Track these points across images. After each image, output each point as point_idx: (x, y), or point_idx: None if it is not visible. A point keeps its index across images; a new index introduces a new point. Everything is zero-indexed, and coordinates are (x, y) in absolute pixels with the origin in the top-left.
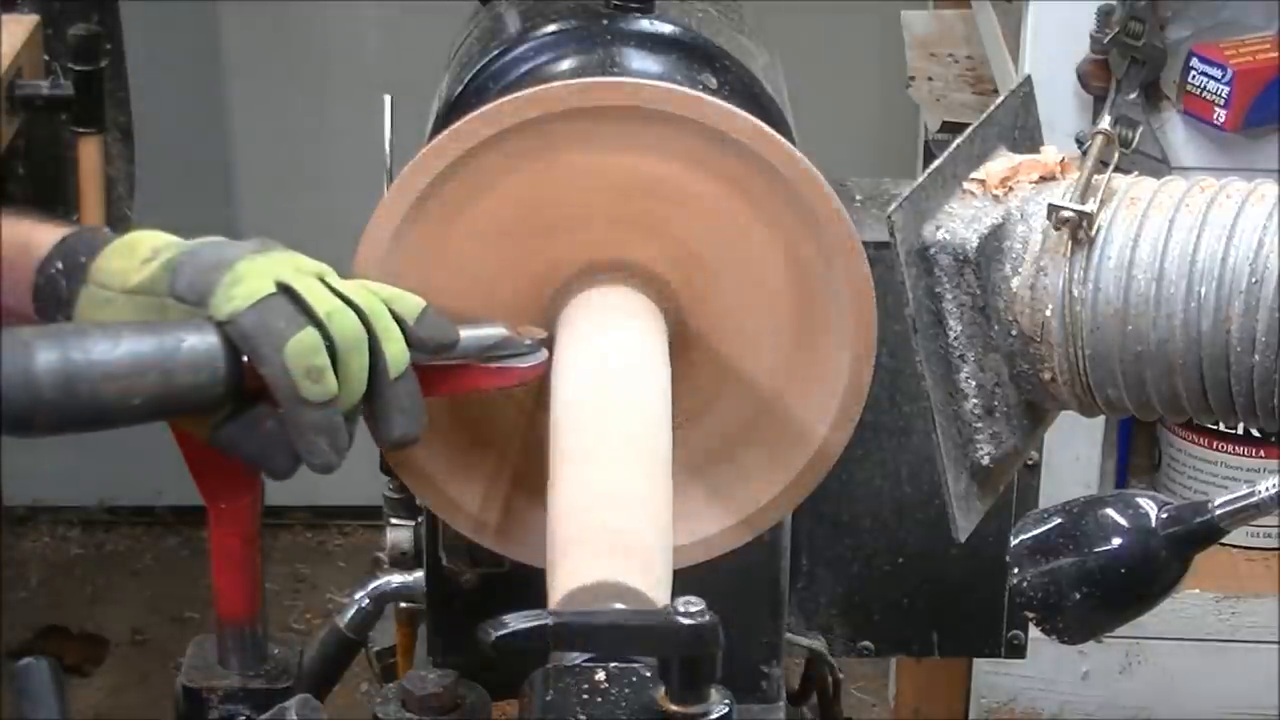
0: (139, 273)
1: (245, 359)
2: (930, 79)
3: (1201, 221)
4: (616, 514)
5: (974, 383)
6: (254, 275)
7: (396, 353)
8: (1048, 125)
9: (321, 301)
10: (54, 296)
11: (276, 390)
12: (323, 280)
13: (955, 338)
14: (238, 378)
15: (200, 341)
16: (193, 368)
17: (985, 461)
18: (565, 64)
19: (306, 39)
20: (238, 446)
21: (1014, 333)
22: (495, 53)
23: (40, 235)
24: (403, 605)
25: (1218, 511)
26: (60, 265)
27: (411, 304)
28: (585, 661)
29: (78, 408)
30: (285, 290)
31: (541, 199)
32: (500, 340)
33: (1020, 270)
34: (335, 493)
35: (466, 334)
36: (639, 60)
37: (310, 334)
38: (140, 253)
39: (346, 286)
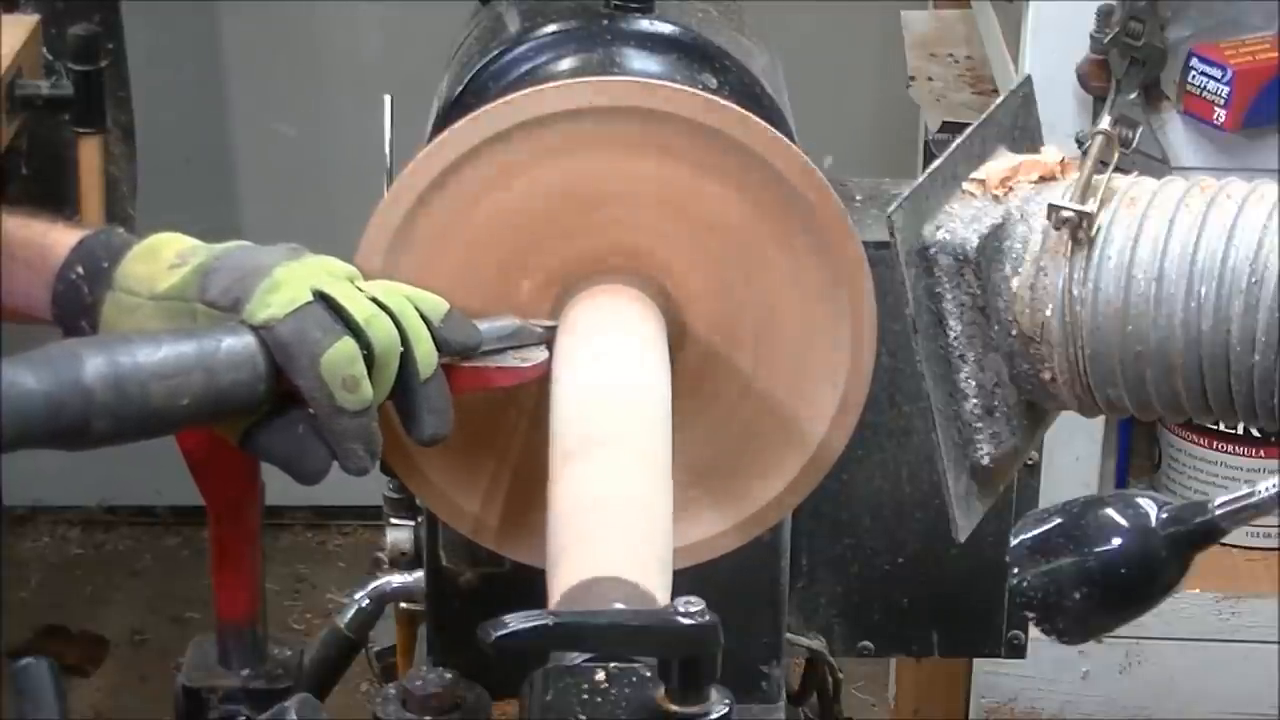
0: (167, 278)
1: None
2: (930, 79)
3: (1201, 222)
4: (616, 514)
5: (974, 383)
6: (291, 283)
7: (426, 354)
8: (1048, 125)
9: (359, 308)
10: (75, 302)
11: (312, 400)
12: (354, 284)
13: (955, 338)
14: (277, 376)
15: (237, 342)
16: (233, 366)
17: (985, 461)
18: (565, 64)
19: (307, 39)
20: (270, 450)
21: (1014, 333)
22: (495, 53)
23: (57, 238)
24: (403, 606)
25: (1218, 511)
26: (81, 270)
27: (436, 304)
28: (585, 661)
29: (130, 410)
30: (322, 298)
31: (541, 200)
32: (515, 330)
33: (1020, 270)
34: (335, 493)
35: (483, 327)
36: (639, 60)
37: (347, 344)
38: (165, 257)
39: (375, 289)
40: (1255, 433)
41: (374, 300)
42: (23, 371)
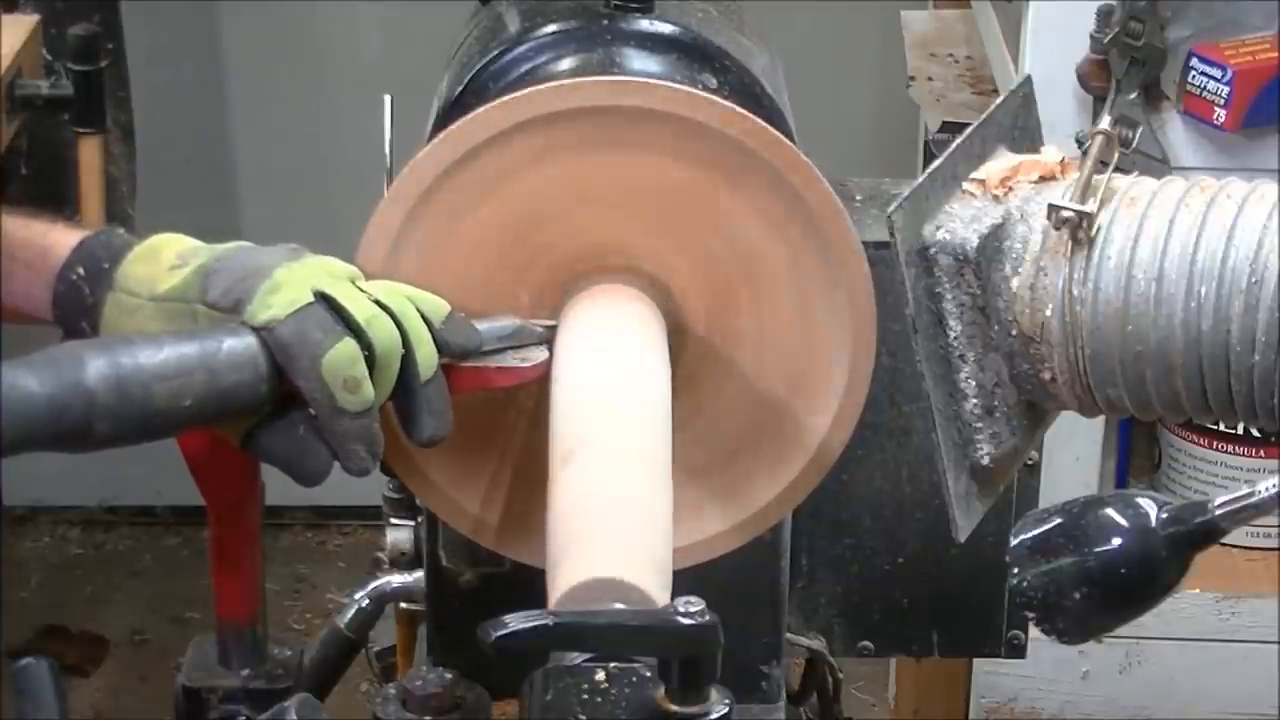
0: (167, 279)
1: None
2: (930, 79)
3: (1201, 222)
4: (616, 514)
5: (974, 383)
6: (292, 284)
7: (427, 355)
8: (1048, 125)
9: (360, 309)
10: (76, 303)
11: (314, 402)
12: (355, 285)
13: (955, 338)
14: (278, 377)
15: (239, 343)
16: (235, 367)
17: (985, 461)
18: (565, 64)
19: (307, 39)
20: (271, 451)
21: (1014, 333)
22: (495, 53)
23: (57, 238)
24: (403, 606)
25: (1218, 511)
26: (82, 271)
27: (437, 306)
28: (585, 661)
29: (132, 412)
30: (323, 299)
31: (541, 200)
32: (515, 330)
33: (1020, 270)
34: (335, 493)
35: (482, 327)
36: (639, 60)
37: (348, 345)
38: (166, 258)
39: (376, 289)
40: (1255, 433)
41: (375, 301)
42: (24, 374)
